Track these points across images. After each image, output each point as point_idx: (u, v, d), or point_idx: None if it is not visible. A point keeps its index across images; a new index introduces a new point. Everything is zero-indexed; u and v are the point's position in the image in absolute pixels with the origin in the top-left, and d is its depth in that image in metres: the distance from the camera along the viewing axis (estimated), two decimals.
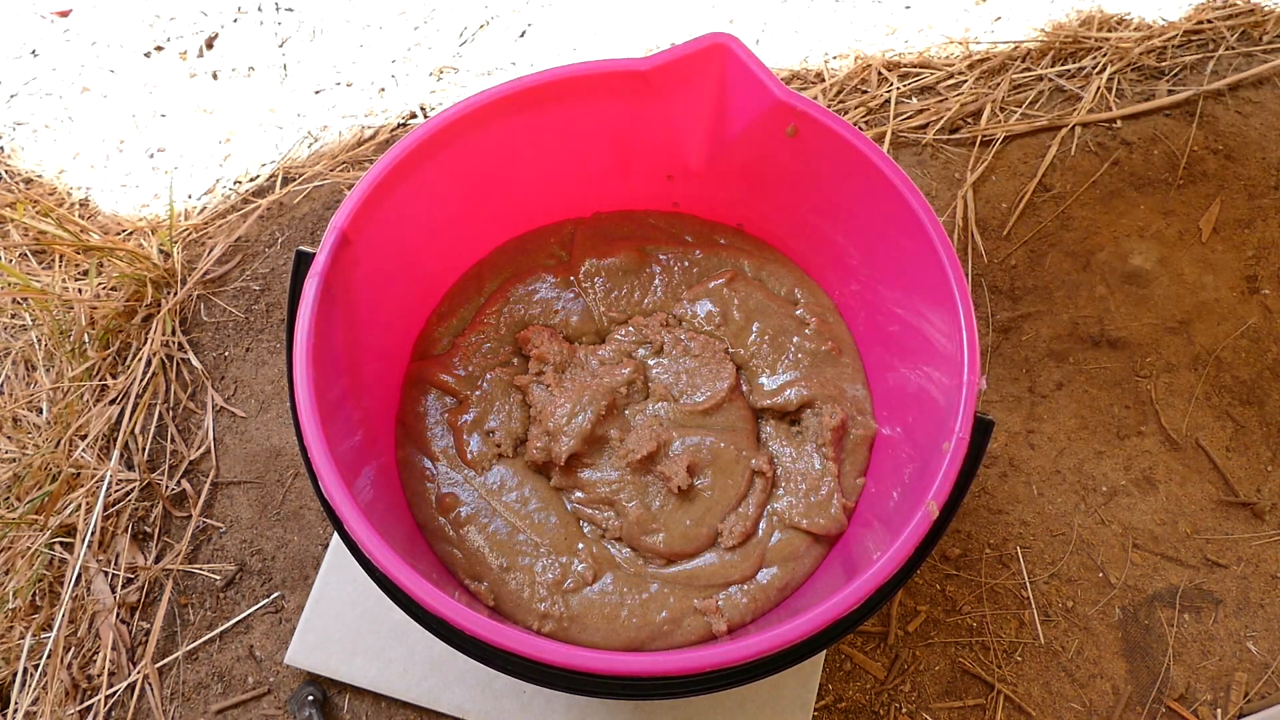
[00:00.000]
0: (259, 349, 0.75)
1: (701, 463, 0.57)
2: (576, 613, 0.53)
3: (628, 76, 0.55)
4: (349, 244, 0.51)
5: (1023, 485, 0.69)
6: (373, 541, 0.43)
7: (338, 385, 0.50)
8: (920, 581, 0.66)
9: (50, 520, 0.68)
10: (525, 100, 0.55)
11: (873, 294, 0.60)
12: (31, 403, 0.74)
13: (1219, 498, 0.69)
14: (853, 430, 0.59)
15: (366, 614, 0.63)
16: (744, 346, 0.62)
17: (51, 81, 0.89)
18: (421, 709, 0.63)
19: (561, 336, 0.62)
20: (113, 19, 0.92)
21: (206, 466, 0.71)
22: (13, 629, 0.66)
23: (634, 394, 0.60)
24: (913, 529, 0.44)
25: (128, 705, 0.64)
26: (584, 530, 0.57)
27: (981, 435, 0.47)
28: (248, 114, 0.86)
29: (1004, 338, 0.73)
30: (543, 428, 0.57)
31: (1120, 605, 0.65)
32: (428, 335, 0.62)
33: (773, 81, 0.54)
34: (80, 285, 0.77)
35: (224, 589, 0.67)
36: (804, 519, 0.56)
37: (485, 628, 0.41)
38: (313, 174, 0.82)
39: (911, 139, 0.81)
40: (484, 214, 0.62)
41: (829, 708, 0.62)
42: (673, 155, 0.61)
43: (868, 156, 0.53)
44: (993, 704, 0.63)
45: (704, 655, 0.41)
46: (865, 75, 0.84)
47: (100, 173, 0.84)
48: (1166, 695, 0.63)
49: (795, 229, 0.64)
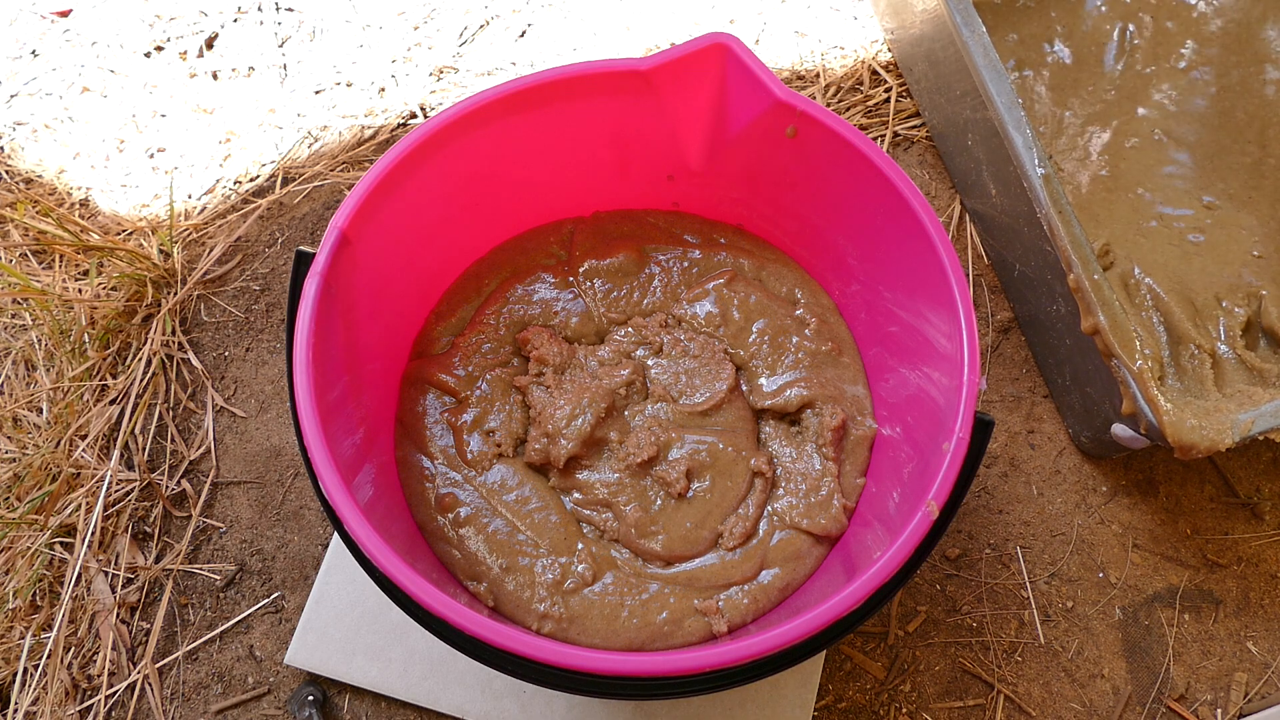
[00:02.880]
0: (259, 349, 0.75)
1: (701, 464, 0.57)
2: (576, 613, 0.53)
3: (628, 76, 0.55)
4: (349, 244, 0.51)
5: (1023, 485, 0.69)
6: (373, 541, 0.43)
7: (338, 385, 0.50)
8: (920, 581, 0.66)
9: (50, 520, 0.68)
10: (525, 100, 0.55)
11: (873, 294, 0.60)
12: (31, 403, 0.74)
13: (1219, 498, 0.69)
14: (853, 430, 0.59)
15: (366, 614, 0.63)
16: (744, 347, 0.62)
17: (51, 81, 0.89)
18: (421, 709, 0.63)
19: (561, 337, 0.62)
20: (113, 19, 0.92)
21: (206, 466, 0.71)
22: (13, 629, 0.66)
23: (633, 395, 0.60)
24: (913, 529, 0.44)
25: (128, 705, 0.64)
26: (584, 530, 0.57)
27: (981, 435, 0.47)
28: (248, 114, 0.86)
29: (1004, 338, 0.73)
30: (542, 430, 0.57)
31: (1120, 605, 0.65)
32: (427, 335, 0.62)
33: (773, 81, 0.54)
34: (80, 285, 0.77)
35: (224, 589, 0.67)
36: (804, 519, 0.56)
37: (485, 628, 0.41)
38: (313, 174, 0.82)
39: (911, 139, 0.81)
40: (484, 213, 0.62)
41: (829, 708, 0.62)
42: (673, 155, 0.61)
43: (868, 156, 0.53)
44: (993, 704, 0.63)
45: (704, 655, 0.41)
46: (864, 75, 0.84)
47: (100, 173, 0.84)
48: (1166, 695, 0.63)
49: (795, 229, 0.64)
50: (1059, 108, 0.74)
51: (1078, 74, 0.75)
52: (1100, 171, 0.70)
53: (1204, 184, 0.71)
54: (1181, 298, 0.65)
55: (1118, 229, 0.68)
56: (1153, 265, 0.66)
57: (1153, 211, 0.69)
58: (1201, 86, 0.75)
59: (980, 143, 0.69)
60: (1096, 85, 0.75)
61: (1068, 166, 0.71)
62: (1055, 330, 0.66)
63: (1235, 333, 0.64)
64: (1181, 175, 0.71)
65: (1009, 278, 0.72)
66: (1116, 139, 0.72)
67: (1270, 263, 0.67)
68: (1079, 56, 0.76)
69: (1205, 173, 0.71)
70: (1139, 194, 0.70)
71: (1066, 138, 0.72)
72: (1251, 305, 0.65)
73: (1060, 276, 0.61)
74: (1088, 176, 0.70)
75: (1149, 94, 0.74)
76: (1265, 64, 0.76)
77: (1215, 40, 0.77)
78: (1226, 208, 0.70)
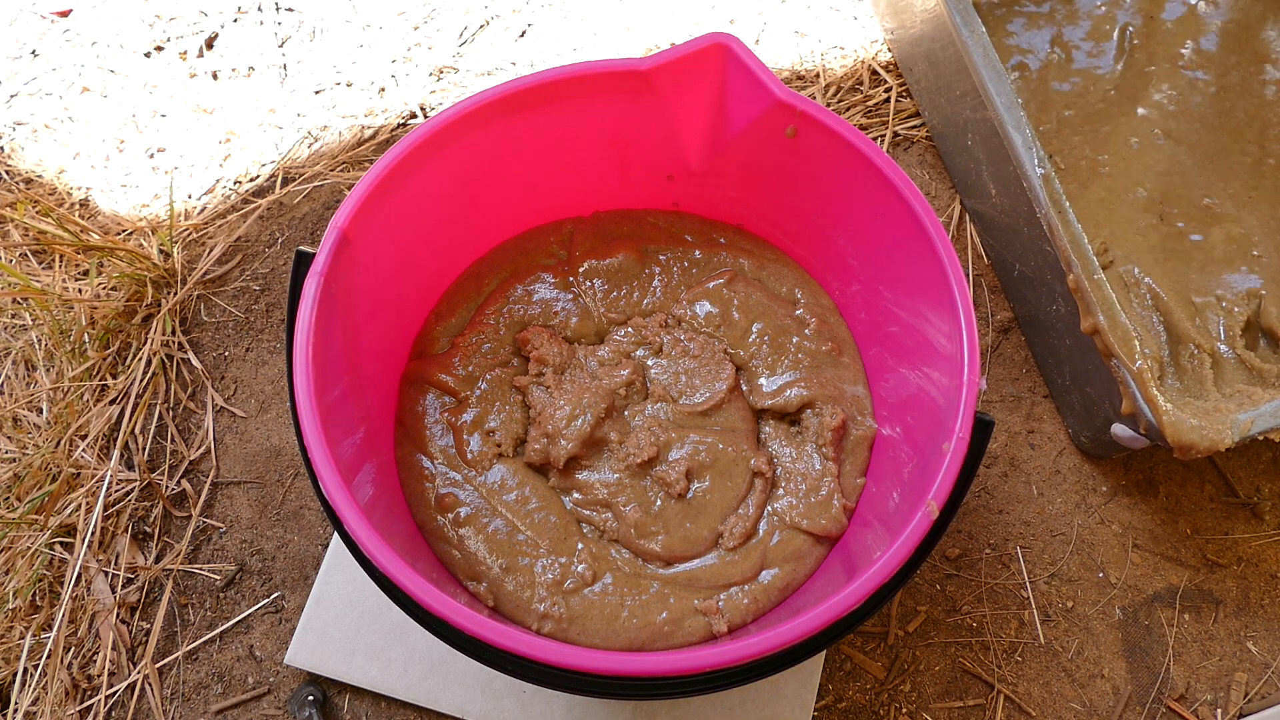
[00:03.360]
0: (259, 349, 0.75)
1: (701, 464, 0.57)
2: (576, 613, 0.53)
3: (628, 76, 0.55)
4: (349, 244, 0.51)
5: (1023, 485, 0.69)
6: (373, 541, 0.43)
7: (338, 385, 0.50)
8: (920, 581, 0.66)
9: (50, 520, 0.68)
10: (525, 100, 0.55)
11: (873, 294, 0.60)
12: (31, 403, 0.74)
13: (1219, 498, 0.69)
14: (853, 430, 0.59)
15: (366, 614, 0.63)
16: (744, 347, 0.62)
17: (51, 81, 0.89)
18: (421, 709, 0.63)
19: (561, 337, 0.62)
20: (113, 19, 0.92)
21: (206, 466, 0.71)
22: (13, 629, 0.66)
23: (633, 395, 0.60)
24: (913, 529, 0.44)
25: (128, 705, 0.64)
26: (584, 531, 0.57)
27: (981, 435, 0.47)
28: (248, 114, 0.86)
29: (1004, 338, 0.73)
30: (541, 430, 0.57)
31: (1120, 605, 0.65)
32: (427, 334, 0.62)
33: (773, 81, 0.54)
34: (80, 285, 0.77)
35: (224, 589, 0.67)
36: (804, 519, 0.56)
37: (485, 628, 0.41)
38: (313, 174, 0.82)
39: (912, 139, 0.81)
40: (484, 214, 0.62)
41: (829, 708, 0.62)
42: (673, 155, 0.61)
43: (868, 156, 0.53)
44: (993, 704, 0.63)
45: (704, 655, 0.41)
46: (864, 75, 0.84)
47: (100, 173, 0.84)
48: (1166, 695, 0.63)
49: (795, 229, 0.64)
50: (1059, 107, 0.74)
51: (1077, 74, 0.75)
52: (1100, 171, 0.70)
53: (1204, 184, 0.71)
54: (1181, 297, 0.65)
55: (1117, 228, 0.68)
56: (1152, 265, 0.66)
57: (1152, 211, 0.69)
58: (1201, 86, 0.75)
59: (980, 143, 0.69)
60: (1096, 85, 0.75)
61: (1067, 166, 0.71)
62: (1055, 330, 0.66)
63: (1235, 332, 0.64)
64: (1181, 175, 0.71)
65: (1009, 278, 0.72)
66: (1116, 139, 0.72)
67: (1270, 263, 0.67)
68: (1079, 56, 0.76)
69: (1205, 173, 0.71)
70: (1139, 194, 0.70)
71: (1066, 138, 0.72)
72: (1251, 305, 0.65)
73: (1060, 276, 0.61)
74: (1087, 176, 0.70)
75: (1149, 94, 0.74)
76: (1265, 64, 0.76)
77: (1215, 40, 0.77)
78: (1226, 208, 0.70)
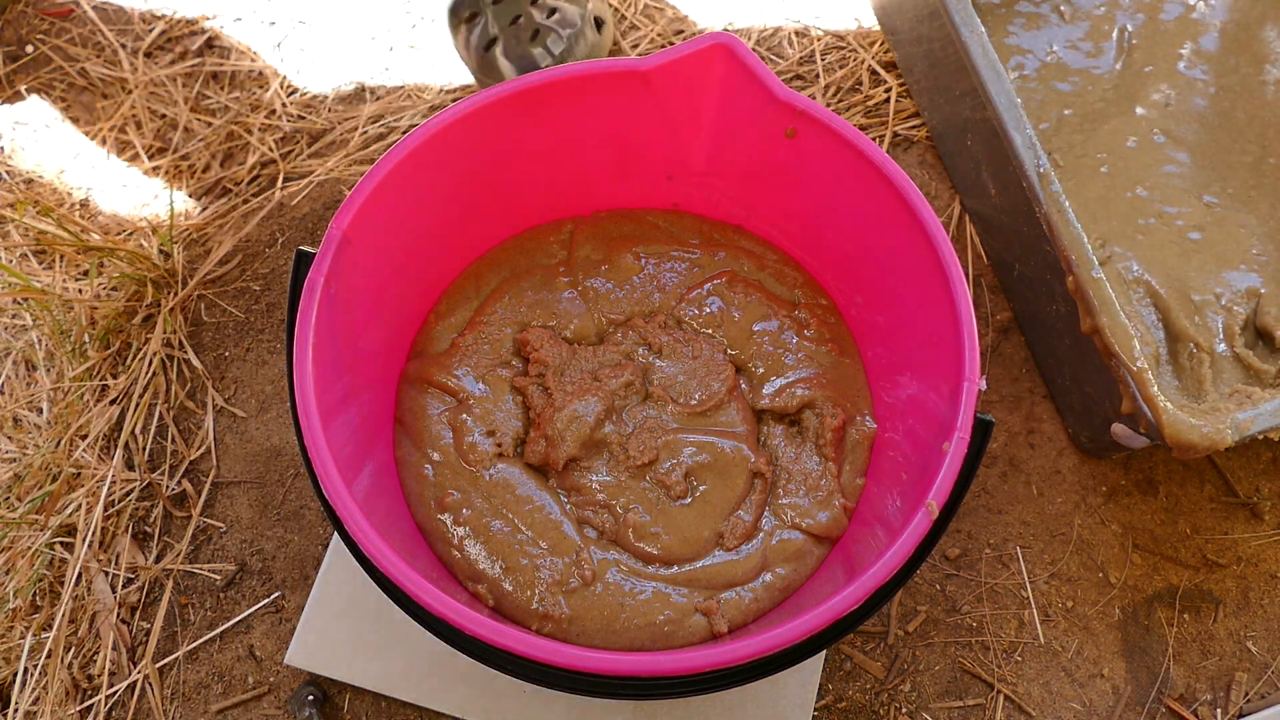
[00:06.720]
0: (259, 349, 0.75)
1: (701, 465, 0.57)
2: (577, 613, 0.53)
3: (627, 76, 0.55)
4: (349, 244, 0.51)
5: (1022, 485, 0.69)
6: (373, 541, 0.43)
7: (338, 385, 0.50)
8: (920, 581, 0.66)
9: (50, 520, 0.68)
10: (525, 100, 0.55)
11: (873, 294, 0.60)
12: (32, 403, 0.74)
13: (1219, 497, 0.69)
14: (853, 431, 0.59)
15: (366, 614, 0.63)
16: (744, 347, 0.62)
17: (52, 81, 0.89)
18: (422, 709, 0.63)
19: (561, 338, 0.62)
20: (113, 18, 0.92)
21: (206, 466, 0.71)
22: (13, 629, 0.66)
23: (633, 396, 0.60)
24: (913, 529, 0.44)
25: (128, 705, 0.64)
26: (585, 531, 0.57)
27: (981, 435, 0.47)
28: (248, 114, 0.86)
29: (1004, 338, 0.73)
30: (541, 431, 0.57)
31: (1120, 605, 0.65)
32: (427, 334, 0.62)
33: (773, 81, 0.54)
34: (80, 285, 0.78)
35: (224, 589, 0.67)
36: (804, 520, 0.56)
37: (485, 628, 0.41)
38: (313, 174, 0.82)
39: (911, 139, 0.81)
40: (484, 213, 0.62)
41: (829, 708, 0.62)
42: (673, 155, 0.61)
43: (868, 157, 0.53)
44: (993, 704, 0.63)
45: (704, 655, 0.42)
46: (864, 75, 0.84)
47: (100, 173, 0.84)
48: (1166, 695, 0.63)
49: (795, 229, 0.64)
50: (1058, 107, 0.74)
51: (1077, 73, 0.75)
52: (1099, 170, 0.70)
53: (1203, 183, 0.71)
54: (1180, 296, 0.65)
55: (1116, 228, 0.68)
56: (1151, 263, 0.66)
57: (1152, 210, 0.69)
58: (1201, 86, 0.75)
59: (980, 143, 0.69)
60: (1095, 85, 0.75)
61: (1067, 166, 0.71)
62: (1055, 330, 0.66)
63: (1234, 332, 0.64)
64: (1181, 174, 0.71)
65: (1009, 278, 0.72)
66: (1116, 138, 0.72)
67: (1270, 262, 0.67)
68: (1078, 56, 0.76)
69: (1205, 172, 0.71)
70: (1138, 193, 0.70)
71: (1065, 137, 0.72)
72: (1250, 304, 0.65)
73: (1060, 276, 0.61)
74: (1087, 176, 0.70)
75: (1148, 93, 0.74)
76: (1265, 64, 0.76)
77: (1215, 40, 0.77)
78: (1226, 207, 0.70)
